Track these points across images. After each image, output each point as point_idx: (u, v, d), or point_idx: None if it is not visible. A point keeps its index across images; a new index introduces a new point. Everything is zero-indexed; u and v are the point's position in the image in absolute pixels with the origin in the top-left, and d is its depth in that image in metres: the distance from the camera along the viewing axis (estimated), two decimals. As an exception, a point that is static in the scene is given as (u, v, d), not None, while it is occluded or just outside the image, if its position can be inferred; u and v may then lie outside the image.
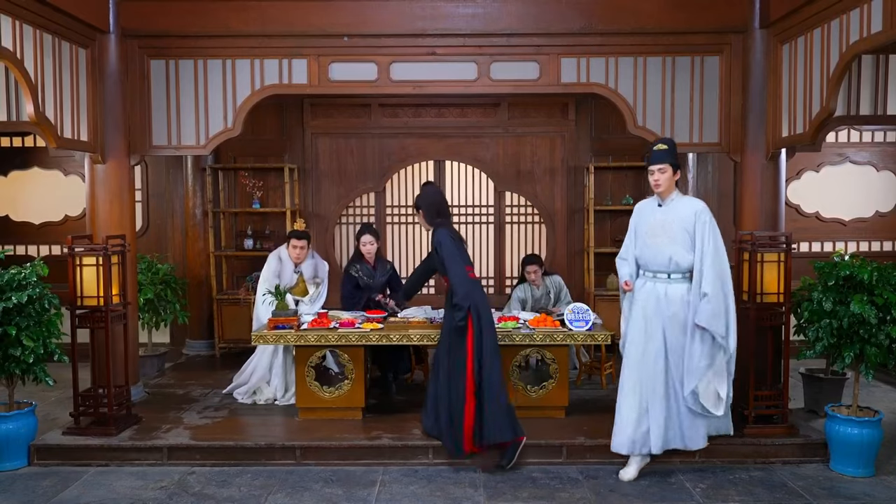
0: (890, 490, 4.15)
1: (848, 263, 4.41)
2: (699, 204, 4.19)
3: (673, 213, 4.18)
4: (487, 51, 5.25)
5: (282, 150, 7.52)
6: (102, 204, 5.19)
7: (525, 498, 4.04)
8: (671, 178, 4.18)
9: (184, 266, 7.25)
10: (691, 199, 4.26)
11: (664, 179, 4.17)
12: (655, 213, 4.26)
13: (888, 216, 7.53)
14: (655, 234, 4.21)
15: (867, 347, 4.27)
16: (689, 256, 4.14)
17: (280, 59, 5.26)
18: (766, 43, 5.02)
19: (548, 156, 7.52)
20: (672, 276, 4.20)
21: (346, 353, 5.00)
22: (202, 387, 5.99)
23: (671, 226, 4.16)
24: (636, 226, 4.36)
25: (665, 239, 4.17)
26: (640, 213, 4.37)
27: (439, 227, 4.56)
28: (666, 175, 4.16)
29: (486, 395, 4.29)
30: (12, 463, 4.51)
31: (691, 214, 4.13)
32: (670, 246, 4.16)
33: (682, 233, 4.14)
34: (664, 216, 4.21)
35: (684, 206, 4.19)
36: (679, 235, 4.14)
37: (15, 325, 4.36)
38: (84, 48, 4.98)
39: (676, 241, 4.15)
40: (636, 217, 4.39)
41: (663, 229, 4.18)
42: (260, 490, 4.18)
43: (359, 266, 5.76)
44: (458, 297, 4.32)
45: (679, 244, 4.15)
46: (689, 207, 4.17)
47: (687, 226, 4.13)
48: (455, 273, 4.38)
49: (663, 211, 4.23)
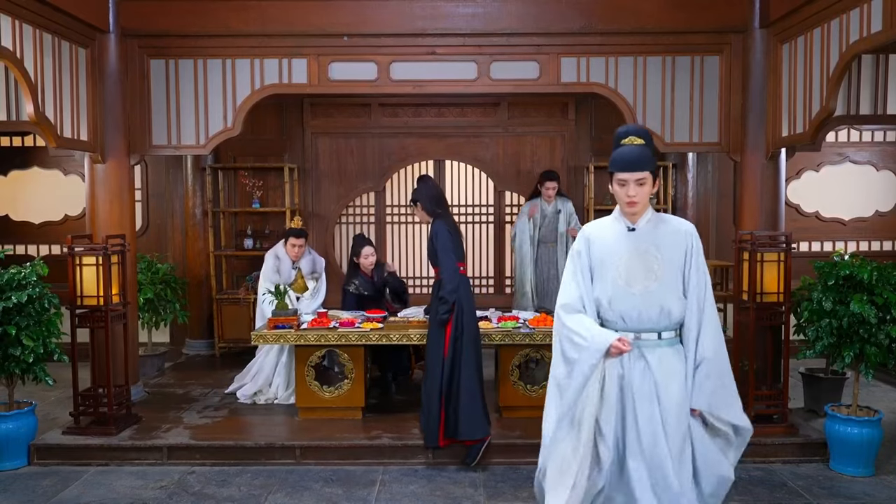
0: (890, 489, 4.15)
1: (848, 263, 4.41)
2: (688, 226, 2.87)
3: (654, 241, 2.81)
4: (487, 50, 5.24)
5: (282, 149, 7.52)
6: (102, 204, 5.19)
7: (525, 498, 4.04)
8: (649, 189, 2.78)
9: (184, 266, 7.24)
10: (676, 220, 2.91)
11: (643, 195, 2.76)
12: (625, 241, 2.82)
13: (888, 216, 7.53)
14: (633, 274, 2.78)
15: (867, 347, 4.27)
16: (682, 305, 2.80)
17: (280, 58, 5.25)
18: (766, 43, 5.02)
19: (548, 155, 7.52)
20: (664, 335, 2.80)
21: (345, 353, 5.00)
22: (202, 386, 5.99)
23: (655, 260, 2.79)
24: (595, 260, 2.86)
25: (651, 281, 2.78)
26: (598, 242, 2.87)
27: (438, 218, 4.55)
28: (645, 189, 2.76)
29: (462, 391, 4.33)
30: (12, 462, 4.51)
31: (681, 243, 2.81)
32: (660, 291, 2.77)
33: (672, 270, 2.79)
34: (641, 245, 2.80)
35: (669, 231, 2.83)
36: (671, 274, 2.79)
37: (15, 324, 4.36)
38: (84, 48, 4.98)
39: (666, 282, 2.78)
40: (589, 247, 2.88)
41: (644, 265, 2.79)
42: (260, 490, 4.18)
43: (357, 282, 5.72)
44: (446, 291, 4.34)
45: (670, 287, 2.78)
46: (677, 232, 2.82)
47: (676, 258, 2.79)
48: (446, 266, 4.39)
49: (637, 237, 2.81)
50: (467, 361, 4.37)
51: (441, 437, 4.40)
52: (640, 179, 2.74)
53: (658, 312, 2.78)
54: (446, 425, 4.37)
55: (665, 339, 2.81)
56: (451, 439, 4.40)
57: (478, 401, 4.38)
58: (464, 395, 4.33)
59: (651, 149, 2.79)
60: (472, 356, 4.40)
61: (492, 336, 4.85)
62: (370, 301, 5.69)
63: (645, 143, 2.78)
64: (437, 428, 4.38)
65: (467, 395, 4.34)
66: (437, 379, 4.36)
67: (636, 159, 2.73)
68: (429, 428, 4.41)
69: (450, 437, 4.40)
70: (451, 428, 4.37)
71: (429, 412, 4.40)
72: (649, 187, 2.77)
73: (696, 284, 2.79)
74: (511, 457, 4.53)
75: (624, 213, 2.84)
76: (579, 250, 2.89)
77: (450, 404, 4.36)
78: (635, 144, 2.78)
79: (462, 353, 4.36)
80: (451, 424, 4.36)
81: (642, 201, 2.78)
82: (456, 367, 4.36)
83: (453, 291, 4.35)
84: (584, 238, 2.90)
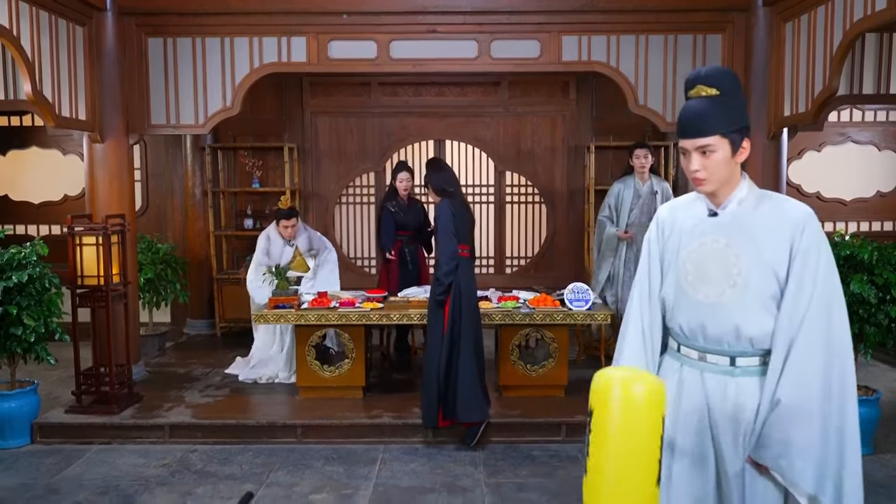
0: (887, 468, 4.18)
1: (848, 243, 4.40)
2: (799, 212, 1.96)
3: (743, 231, 1.98)
4: (488, 28, 5.20)
5: (281, 129, 7.48)
6: (101, 183, 5.17)
7: (525, 476, 4.08)
8: (728, 160, 1.94)
9: (184, 246, 7.24)
10: (785, 202, 2.00)
11: (713, 168, 1.94)
12: (702, 228, 2.04)
13: (889, 196, 7.51)
14: (703, 275, 2.01)
15: (866, 327, 4.27)
16: (772, 323, 1.95)
17: (279, 37, 5.21)
18: (768, 21, 4.97)
19: (548, 135, 7.49)
20: (740, 362, 1.99)
21: (346, 333, 5.01)
22: (203, 366, 6.01)
23: (736, 258, 1.97)
24: (667, 251, 2.12)
25: (726, 287, 1.97)
26: (671, 227, 2.12)
27: (445, 197, 4.50)
28: (716, 160, 1.93)
29: (461, 373, 4.34)
30: (15, 441, 4.55)
31: (783, 236, 1.93)
32: (736, 303, 1.96)
33: (766, 275, 1.94)
34: (722, 237, 2.00)
35: (769, 218, 1.97)
36: (758, 280, 1.95)
37: (16, 304, 4.36)
38: (81, 26, 4.94)
39: (747, 291, 1.95)
40: (661, 232, 2.14)
41: (720, 264, 1.98)
42: (261, 468, 4.21)
43: (395, 202, 5.83)
44: (441, 272, 4.33)
45: (753, 298, 1.95)
46: (781, 220, 1.95)
47: (770, 257, 1.94)
48: (444, 247, 4.36)
49: (719, 226, 2.01)
50: (466, 343, 4.37)
51: (440, 418, 4.42)
52: (703, 147, 1.92)
53: (730, 331, 1.97)
54: (445, 406, 4.39)
55: (742, 368, 1.98)
56: (450, 420, 4.42)
57: (476, 383, 4.39)
58: (462, 377, 4.34)
59: (731, 99, 1.94)
60: (470, 338, 4.39)
61: (492, 316, 4.86)
62: (406, 229, 5.81)
63: (720, 92, 1.93)
64: (436, 408, 4.39)
65: (466, 377, 4.34)
66: (436, 360, 4.37)
67: (698, 118, 1.92)
68: (428, 408, 4.42)
69: (448, 418, 4.41)
70: (450, 409, 4.38)
71: (428, 393, 4.41)
72: (724, 156, 1.92)
73: (793, 295, 1.91)
74: (511, 435, 4.56)
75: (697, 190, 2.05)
76: (649, 238, 2.18)
77: (448, 386, 4.37)
78: (703, 97, 1.94)
79: (461, 335, 4.36)
80: (450, 405, 4.37)
81: (713, 177, 1.95)
82: (455, 349, 4.36)
83: (449, 273, 4.32)
84: (655, 221, 2.18)
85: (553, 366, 5.02)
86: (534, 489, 3.92)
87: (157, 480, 4.05)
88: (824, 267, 1.91)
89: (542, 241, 7.67)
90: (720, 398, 1.99)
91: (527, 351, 5.23)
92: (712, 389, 2.00)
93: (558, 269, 7.56)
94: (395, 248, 5.82)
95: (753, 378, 1.97)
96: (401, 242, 5.83)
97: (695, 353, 2.04)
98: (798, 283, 1.90)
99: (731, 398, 1.98)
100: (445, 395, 4.37)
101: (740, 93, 1.97)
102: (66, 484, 4.01)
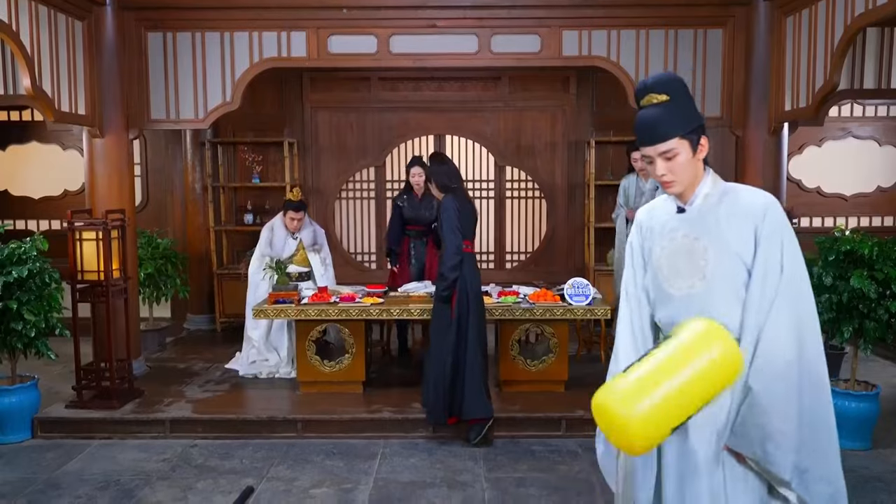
0: (887, 463, 4.19)
1: (849, 238, 4.40)
2: (761, 199, 2.02)
3: (709, 225, 2.04)
4: (488, 23, 5.19)
5: (281, 124, 7.47)
6: (101, 178, 5.17)
7: (525, 470, 4.08)
8: (690, 160, 2.01)
9: (184, 241, 7.24)
10: (747, 192, 2.07)
11: (677, 171, 2.01)
12: (672, 225, 2.12)
13: (890, 191, 7.50)
14: (674, 270, 2.08)
15: (866, 322, 4.28)
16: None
17: (279, 31, 5.20)
18: (769, 15, 4.96)
19: (548, 130, 7.48)
20: None
21: (346, 328, 5.01)
22: (203, 361, 6.02)
23: (708, 251, 2.02)
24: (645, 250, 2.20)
25: (696, 280, 2.03)
26: (647, 227, 2.19)
27: (449, 193, 4.48)
28: (679, 162, 1.99)
29: (468, 370, 4.33)
30: (16, 436, 4.55)
31: (747, 225, 1.99)
32: (705, 296, 2.02)
33: (728, 266, 2.00)
34: (691, 232, 2.06)
35: (733, 209, 2.02)
36: (726, 270, 2.00)
37: (16, 299, 4.36)
38: (80, 20, 4.93)
39: (715, 283, 2.01)
40: (639, 233, 2.22)
41: (689, 259, 2.05)
42: (262, 462, 4.22)
43: (406, 196, 5.86)
44: (445, 268, 4.31)
45: (721, 290, 2.00)
46: (745, 210, 2.01)
47: (736, 248, 1.99)
48: (450, 243, 4.34)
49: (687, 221, 2.08)
50: (473, 340, 4.34)
51: (447, 416, 4.39)
52: (664, 152, 1.98)
53: None
54: (452, 404, 4.36)
55: None
56: (457, 417, 4.39)
57: (483, 379, 4.37)
58: (469, 374, 4.32)
59: (682, 103, 1.99)
60: (476, 335, 4.37)
61: (492, 311, 4.86)
62: (417, 223, 5.81)
63: (670, 97, 1.98)
64: (442, 407, 4.36)
65: (473, 373, 4.32)
66: (442, 358, 4.34)
67: (655, 125, 1.97)
68: (434, 407, 4.39)
69: (455, 416, 4.39)
70: (457, 407, 4.36)
71: (434, 391, 4.38)
72: (686, 156, 1.99)
73: (760, 281, 1.93)
74: (511, 430, 4.57)
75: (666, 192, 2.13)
76: (631, 241, 2.25)
77: (455, 383, 4.34)
78: (655, 104, 1.99)
79: (468, 332, 4.34)
80: (457, 403, 4.35)
81: (679, 178, 2.01)
82: (461, 346, 4.33)
83: (453, 269, 4.30)
84: (636, 224, 2.24)
85: (553, 361, 5.02)
86: (534, 484, 3.93)
87: (157, 475, 4.05)
88: (789, 252, 1.95)
89: (543, 236, 7.67)
90: None
91: (527, 346, 5.24)
92: None
93: (558, 264, 7.57)
94: (405, 246, 5.85)
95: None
96: (409, 239, 5.84)
97: None
98: (763, 269, 1.95)
99: None
100: (452, 392, 4.34)
101: (688, 95, 2.03)
102: (67, 479, 4.02)
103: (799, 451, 1.90)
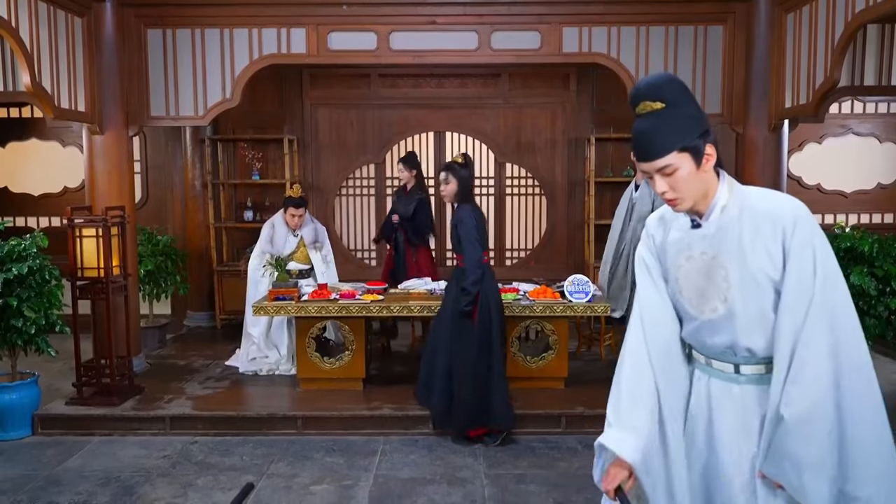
0: (886, 460, 4.19)
1: (849, 235, 4.40)
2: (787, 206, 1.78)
3: (728, 242, 1.81)
4: (488, 20, 5.18)
5: (281, 121, 7.46)
6: (101, 175, 5.17)
7: (524, 467, 4.09)
8: (694, 174, 1.77)
9: (184, 238, 7.24)
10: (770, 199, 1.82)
11: (680, 186, 1.78)
12: (688, 241, 1.89)
13: (890, 188, 7.50)
14: (694, 292, 1.89)
15: (866, 319, 4.28)
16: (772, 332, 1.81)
17: (278, 28, 5.19)
18: (770, 12, 4.96)
19: (549, 127, 7.47)
20: (744, 369, 1.87)
21: (346, 325, 5.02)
22: (203, 358, 6.02)
23: (730, 273, 1.81)
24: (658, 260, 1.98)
25: (718, 303, 1.84)
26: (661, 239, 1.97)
27: (465, 202, 4.36)
28: (681, 177, 1.76)
29: (495, 383, 4.28)
30: (17, 432, 4.56)
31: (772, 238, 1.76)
32: (729, 321, 1.84)
33: (759, 285, 1.79)
34: (709, 249, 1.84)
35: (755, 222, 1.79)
36: (749, 294, 1.80)
37: (16, 296, 4.37)
38: (80, 17, 4.92)
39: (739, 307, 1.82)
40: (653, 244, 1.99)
41: (708, 280, 1.85)
42: (262, 459, 4.22)
43: (396, 197, 6.17)
44: (468, 282, 4.20)
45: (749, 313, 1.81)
46: (767, 221, 1.77)
47: (761, 264, 1.77)
48: (471, 255, 4.24)
49: (702, 238, 1.86)
50: (497, 353, 4.30)
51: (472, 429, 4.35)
52: (663, 169, 1.76)
53: (728, 345, 1.86)
54: (480, 416, 4.31)
55: (747, 376, 1.86)
56: (485, 428, 4.35)
57: (507, 390, 4.36)
58: (496, 385, 4.28)
59: (679, 110, 1.76)
60: (500, 347, 4.34)
61: (492, 308, 4.85)
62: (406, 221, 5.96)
63: (665, 104, 1.75)
64: (465, 420, 4.31)
65: (499, 385, 4.29)
66: (468, 373, 4.25)
67: (649, 139, 1.76)
68: (464, 424, 4.33)
69: (483, 426, 4.34)
70: (486, 417, 4.30)
71: (466, 408, 4.28)
72: (688, 171, 1.75)
73: (792, 299, 1.73)
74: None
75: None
76: (641, 253, 2.01)
77: (484, 396, 4.28)
78: (650, 112, 1.77)
79: (492, 344, 4.28)
80: (486, 414, 4.30)
81: (684, 195, 1.78)
82: (487, 359, 4.26)
83: (476, 283, 4.21)
84: (646, 234, 2.01)
85: (553, 358, 5.03)
86: (533, 480, 3.93)
87: (157, 472, 4.06)
88: (822, 264, 1.73)
89: (542, 233, 7.67)
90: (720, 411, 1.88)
91: (527, 343, 5.24)
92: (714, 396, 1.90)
93: (558, 261, 7.56)
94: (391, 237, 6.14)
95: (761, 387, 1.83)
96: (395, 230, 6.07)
97: (703, 357, 1.93)
98: (796, 287, 1.74)
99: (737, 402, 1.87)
100: (481, 405, 4.29)
101: (687, 98, 1.79)
102: (67, 475, 4.02)
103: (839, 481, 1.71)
